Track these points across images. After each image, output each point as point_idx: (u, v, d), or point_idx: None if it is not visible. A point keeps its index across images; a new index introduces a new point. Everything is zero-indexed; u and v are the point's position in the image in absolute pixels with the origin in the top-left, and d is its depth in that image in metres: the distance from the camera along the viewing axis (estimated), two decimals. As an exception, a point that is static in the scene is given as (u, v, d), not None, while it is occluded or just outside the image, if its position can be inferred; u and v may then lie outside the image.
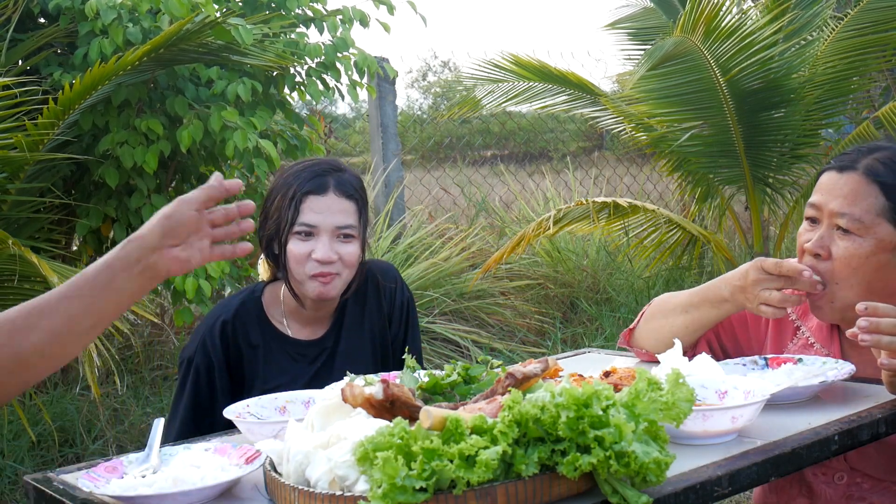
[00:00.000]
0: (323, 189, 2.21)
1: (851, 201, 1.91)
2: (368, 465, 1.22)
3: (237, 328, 2.25)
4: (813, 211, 1.98)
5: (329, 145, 9.00)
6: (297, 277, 2.22)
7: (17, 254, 3.06)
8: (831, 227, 1.93)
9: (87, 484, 1.47)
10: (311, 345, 2.31)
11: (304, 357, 2.29)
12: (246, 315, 2.27)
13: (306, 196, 2.20)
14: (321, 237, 2.20)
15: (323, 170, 2.25)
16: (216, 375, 2.22)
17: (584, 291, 6.40)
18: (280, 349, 2.28)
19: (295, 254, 2.20)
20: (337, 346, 2.32)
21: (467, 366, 1.62)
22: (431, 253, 5.89)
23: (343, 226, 2.21)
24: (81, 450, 4.09)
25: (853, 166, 1.94)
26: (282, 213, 2.22)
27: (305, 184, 2.21)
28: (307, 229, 2.20)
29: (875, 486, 1.96)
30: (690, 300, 2.06)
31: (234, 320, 2.25)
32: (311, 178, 2.22)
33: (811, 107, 5.52)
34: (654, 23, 6.86)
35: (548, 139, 11.49)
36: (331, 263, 2.19)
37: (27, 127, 3.46)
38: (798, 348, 2.08)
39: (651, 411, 1.33)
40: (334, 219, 2.21)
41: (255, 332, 2.27)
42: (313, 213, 2.20)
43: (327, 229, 2.20)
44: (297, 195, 2.20)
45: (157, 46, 3.48)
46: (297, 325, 2.31)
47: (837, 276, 1.92)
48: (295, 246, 2.20)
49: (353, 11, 4.32)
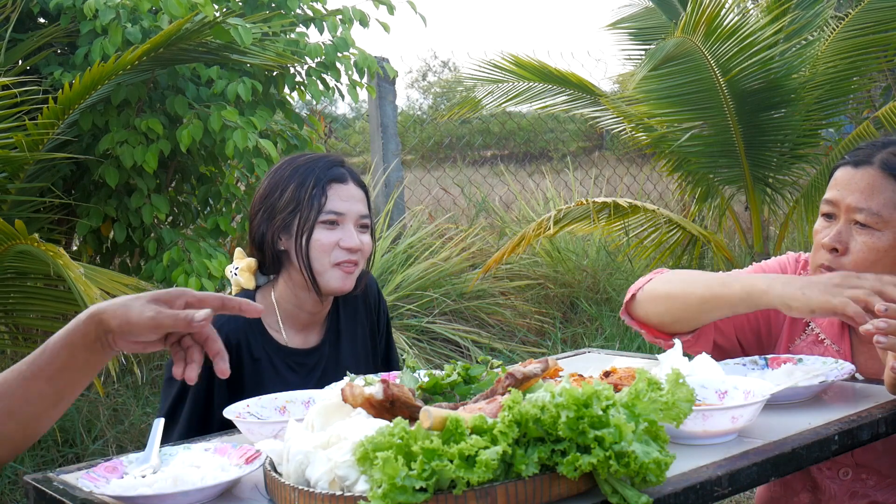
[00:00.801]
0: (344, 178, 2.18)
1: (868, 196, 1.90)
2: (368, 465, 1.22)
3: (241, 343, 2.18)
4: (829, 207, 1.97)
5: (329, 145, 9.00)
6: (320, 268, 2.15)
7: (29, 250, 3.02)
8: (849, 223, 1.93)
9: (87, 484, 1.46)
10: (308, 353, 2.25)
11: (302, 367, 2.23)
12: (248, 328, 2.19)
13: (331, 184, 2.16)
14: (346, 225, 2.16)
15: (337, 161, 2.22)
16: (215, 389, 2.14)
17: (584, 291, 6.40)
18: (280, 360, 2.21)
19: (322, 243, 2.14)
20: (335, 354, 2.28)
21: (467, 366, 1.62)
22: (431, 253, 5.89)
23: (364, 214, 2.19)
24: (81, 450, 4.09)
25: (869, 161, 1.93)
26: (302, 202, 2.14)
27: (327, 172, 2.17)
28: (335, 217, 2.15)
29: (880, 482, 1.97)
30: (717, 279, 1.93)
31: (239, 336, 2.17)
32: (330, 167, 2.18)
33: (811, 107, 5.52)
34: (655, 23, 6.87)
35: (548, 139, 11.50)
36: (356, 252, 2.16)
37: (27, 126, 3.46)
38: (807, 344, 2.08)
39: (651, 411, 1.33)
40: (357, 207, 2.18)
41: (257, 344, 2.20)
42: (340, 201, 2.16)
43: (352, 217, 2.17)
44: (321, 183, 2.15)
45: (156, 46, 3.48)
46: (292, 332, 2.25)
47: (856, 269, 1.91)
48: (322, 235, 2.14)
49: (353, 11, 4.32)
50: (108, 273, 3.24)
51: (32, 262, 3.17)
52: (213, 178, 4.39)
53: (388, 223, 6.06)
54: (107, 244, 4.33)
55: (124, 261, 4.39)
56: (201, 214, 4.44)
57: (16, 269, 3.31)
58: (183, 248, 3.91)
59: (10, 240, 3.02)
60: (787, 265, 2.16)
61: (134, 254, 4.35)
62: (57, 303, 3.54)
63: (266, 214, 2.19)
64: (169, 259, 3.85)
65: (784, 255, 2.20)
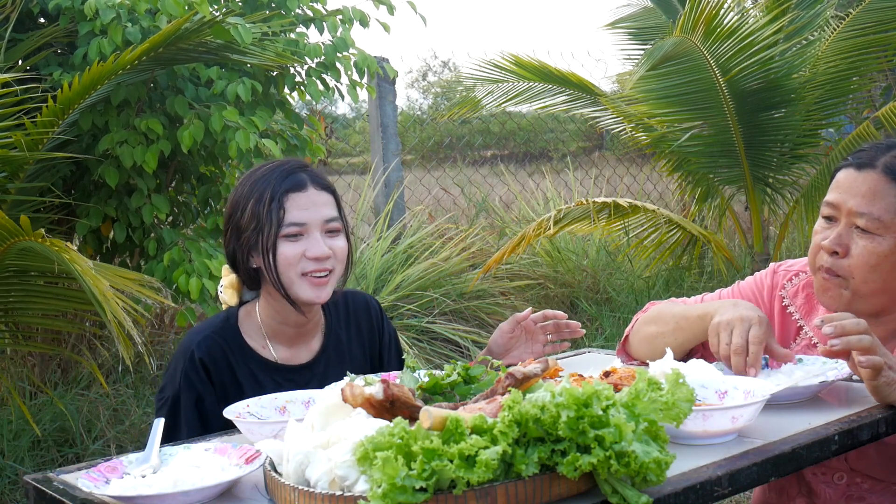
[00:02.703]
0: (302, 185, 2.10)
1: (871, 200, 1.90)
2: (368, 465, 1.22)
3: (219, 364, 2.11)
4: (830, 209, 1.97)
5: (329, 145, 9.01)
6: (288, 281, 2.08)
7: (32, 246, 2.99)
8: (849, 226, 1.93)
9: (87, 484, 1.47)
10: (298, 370, 2.18)
11: (291, 383, 2.15)
12: (227, 346, 2.12)
13: (287, 195, 2.08)
14: (312, 234, 2.09)
15: (294, 167, 2.13)
16: (206, 406, 2.09)
17: (584, 291, 6.40)
18: (267, 377, 2.14)
19: (287, 256, 2.07)
20: (335, 371, 2.20)
21: (467, 366, 1.62)
22: (431, 253, 5.89)
23: (330, 218, 2.11)
24: (81, 450, 4.09)
25: (872, 164, 1.93)
26: (262, 218, 2.07)
27: (282, 182, 2.09)
28: (297, 229, 2.08)
29: (874, 486, 1.96)
30: (681, 313, 2.04)
31: (211, 353, 2.10)
32: (286, 176, 2.10)
33: (811, 107, 5.52)
34: (654, 23, 6.86)
35: (548, 139, 11.51)
36: (326, 259, 2.09)
37: (27, 126, 3.46)
38: (801, 348, 2.08)
39: (651, 411, 1.33)
40: (320, 213, 2.10)
41: (238, 363, 2.13)
42: (299, 211, 2.08)
43: (316, 225, 2.09)
44: (276, 195, 2.07)
45: (155, 46, 3.48)
46: (281, 347, 2.18)
47: (854, 273, 1.92)
48: (286, 248, 2.07)
49: (353, 11, 4.32)
50: (112, 268, 3.23)
51: (33, 259, 3.16)
52: (214, 178, 4.38)
53: (388, 223, 6.05)
54: (107, 244, 4.33)
55: (124, 261, 4.39)
56: (201, 214, 4.44)
57: (16, 267, 3.30)
58: (183, 248, 3.91)
59: (14, 236, 3.01)
60: (762, 284, 2.18)
61: (134, 254, 4.35)
62: (58, 300, 3.53)
63: (233, 234, 2.14)
64: (170, 259, 3.85)
65: (764, 269, 2.21)
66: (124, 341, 2.87)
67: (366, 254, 5.67)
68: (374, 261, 5.59)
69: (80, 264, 2.82)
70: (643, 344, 2.11)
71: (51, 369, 4.40)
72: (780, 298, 2.13)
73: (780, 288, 2.14)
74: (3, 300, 3.50)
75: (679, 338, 2.03)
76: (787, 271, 2.15)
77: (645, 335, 2.11)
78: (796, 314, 2.11)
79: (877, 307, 1.95)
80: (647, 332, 2.11)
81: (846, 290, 1.93)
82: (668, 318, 2.07)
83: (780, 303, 2.13)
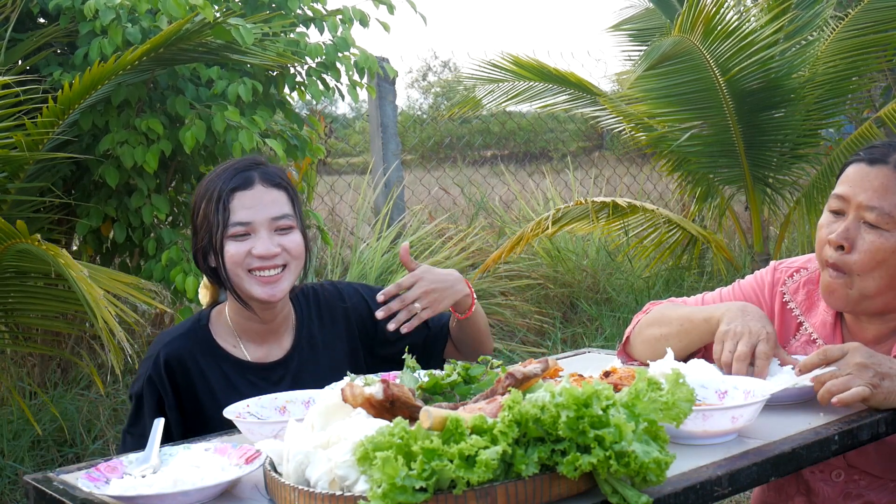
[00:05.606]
0: (249, 183, 2.09)
1: (882, 195, 1.90)
2: (368, 465, 1.22)
3: (186, 364, 2.11)
4: (839, 203, 1.96)
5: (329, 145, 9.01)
6: (237, 280, 2.08)
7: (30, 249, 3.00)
8: (858, 220, 1.92)
9: (87, 484, 1.47)
10: (271, 367, 2.18)
11: (264, 381, 2.15)
12: (194, 347, 2.13)
13: (233, 194, 2.07)
14: (259, 233, 2.07)
15: (244, 165, 2.13)
16: (166, 410, 2.09)
17: (584, 291, 6.40)
18: (239, 376, 2.14)
19: (233, 255, 2.07)
20: (309, 365, 2.20)
21: (467, 366, 1.62)
22: (431, 253, 5.89)
23: (278, 216, 2.09)
24: (81, 450, 4.09)
25: (884, 160, 1.92)
26: (210, 218, 2.08)
27: (229, 182, 2.08)
28: (242, 229, 2.07)
29: (872, 482, 1.97)
30: (686, 315, 2.04)
31: (178, 357, 2.11)
32: (234, 175, 2.10)
33: (811, 107, 5.52)
34: (655, 24, 6.87)
35: (548, 139, 11.50)
36: (274, 257, 2.07)
37: (27, 126, 3.46)
38: (801, 344, 2.08)
39: (651, 411, 1.33)
40: (267, 211, 2.08)
41: (207, 363, 2.13)
42: (245, 210, 2.07)
43: (263, 223, 2.08)
44: (223, 195, 2.07)
45: (156, 46, 3.48)
46: (252, 346, 2.18)
47: (861, 268, 1.91)
48: (232, 248, 2.07)
49: (353, 11, 4.32)
50: (108, 272, 3.23)
51: (33, 261, 3.16)
52: (214, 179, 4.38)
53: (388, 223, 6.05)
54: (107, 244, 4.33)
55: (124, 261, 4.39)
56: (201, 214, 4.44)
57: (16, 269, 3.30)
58: (182, 247, 3.91)
59: (10, 239, 3.02)
60: (763, 282, 2.18)
61: (134, 254, 4.35)
62: (57, 302, 3.53)
63: (193, 234, 2.16)
64: (167, 258, 3.85)
65: (764, 268, 2.21)
66: (114, 349, 2.89)
67: (366, 253, 5.67)
68: (374, 261, 5.59)
69: (74, 270, 2.83)
70: (646, 346, 2.11)
71: (51, 369, 4.41)
72: (780, 294, 2.13)
73: (781, 284, 2.14)
74: (2, 301, 3.50)
75: (683, 341, 2.02)
76: (788, 268, 2.16)
77: (647, 338, 2.10)
78: (797, 310, 2.11)
79: (882, 306, 1.95)
80: (650, 334, 2.10)
81: (852, 291, 1.93)
82: (672, 320, 2.06)
83: (781, 298, 2.13)
